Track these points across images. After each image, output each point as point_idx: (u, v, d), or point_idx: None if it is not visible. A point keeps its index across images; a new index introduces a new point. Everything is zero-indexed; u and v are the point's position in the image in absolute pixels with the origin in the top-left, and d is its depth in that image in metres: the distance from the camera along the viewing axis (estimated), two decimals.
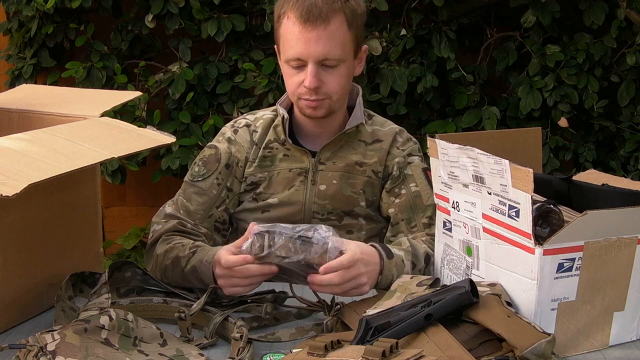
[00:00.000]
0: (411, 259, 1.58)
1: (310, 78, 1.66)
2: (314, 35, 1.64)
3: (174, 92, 3.21)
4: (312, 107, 1.71)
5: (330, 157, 1.78)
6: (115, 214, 3.66)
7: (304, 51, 1.65)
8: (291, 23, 1.66)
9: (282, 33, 1.69)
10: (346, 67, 1.70)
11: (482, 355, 1.20)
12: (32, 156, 1.33)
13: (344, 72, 1.70)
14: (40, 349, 1.17)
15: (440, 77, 3.19)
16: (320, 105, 1.70)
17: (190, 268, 1.56)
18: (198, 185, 1.75)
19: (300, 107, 1.73)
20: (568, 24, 3.27)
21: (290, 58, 1.68)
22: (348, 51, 1.70)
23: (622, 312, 1.38)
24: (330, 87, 1.69)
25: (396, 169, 1.79)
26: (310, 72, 1.66)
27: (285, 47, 1.69)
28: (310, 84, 1.66)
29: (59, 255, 1.55)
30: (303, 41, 1.65)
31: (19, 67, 3.35)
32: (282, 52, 1.71)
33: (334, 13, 1.65)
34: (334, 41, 1.66)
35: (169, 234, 1.70)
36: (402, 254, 1.58)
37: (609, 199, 1.47)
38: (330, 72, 1.68)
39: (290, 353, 1.23)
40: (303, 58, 1.66)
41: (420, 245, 1.64)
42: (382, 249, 1.54)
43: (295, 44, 1.66)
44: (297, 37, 1.65)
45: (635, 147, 3.23)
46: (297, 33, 1.65)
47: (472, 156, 1.37)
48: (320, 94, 1.69)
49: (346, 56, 1.69)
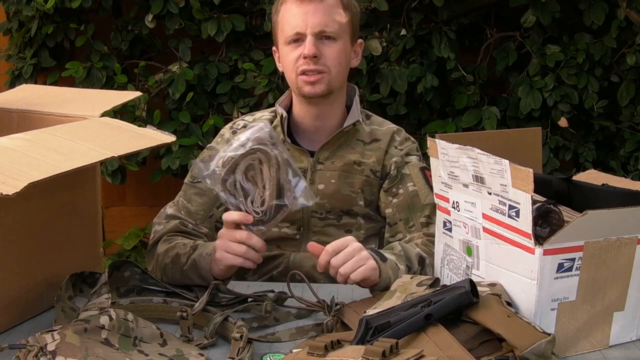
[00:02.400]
0: (405, 263, 1.59)
1: (309, 46, 1.71)
2: (311, 7, 1.71)
3: (174, 92, 3.21)
4: (311, 83, 1.73)
5: (328, 156, 1.78)
6: (115, 214, 3.66)
7: (302, 23, 1.71)
8: (289, 4, 1.74)
9: (280, 19, 1.76)
10: (342, 44, 1.75)
11: (482, 355, 1.20)
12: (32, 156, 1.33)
13: (341, 47, 1.75)
14: (40, 349, 1.17)
15: (440, 77, 3.19)
16: (319, 80, 1.72)
17: (191, 263, 1.57)
18: (198, 186, 1.76)
19: (300, 85, 1.75)
20: (568, 24, 3.27)
21: (288, 35, 1.73)
22: (344, 30, 1.75)
23: (622, 312, 1.38)
24: (329, 60, 1.73)
25: (394, 169, 1.79)
26: (308, 41, 1.71)
27: (285, 28, 1.74)
28: (309, 50, 1.70)
29: (59, 255, 1.55)
30: (301, 14, 1.71)
31: (19, 67, 3.35)
32: (281, 37, 1.76)
33: None
34: (330, 15, 1.73)
35: (170, 234, 1.71)
36: (394, 257, 1.58)
37: (609, 199, 1.47)
38: (328, 45, 1.73)
39: (290, 353, 1.23)
40: (301, 31, 1.71)
41: (412, 248, 1.65)
42: (375, 254, 1.54)
43: (293, 20, 1.72)
44: (295, 12, 1.72)
45: (635, 147, 3.23)
46: (295, 9, 1.72)
47: (472, 156, 1.37)
48: (319, 65, 1.72)
49: (342, 34, 1.75)
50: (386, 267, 1.53)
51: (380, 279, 1.51)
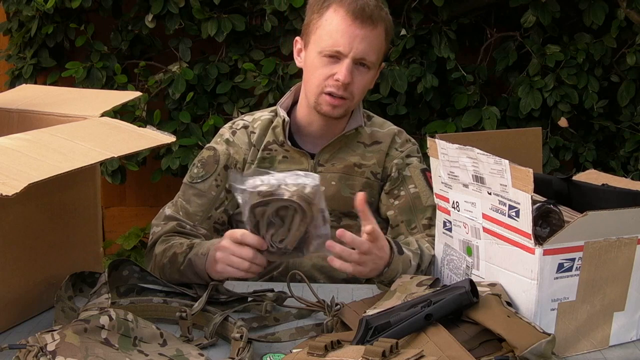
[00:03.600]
0: (417, 261, 1.59)
1: (346, 72, 1.67)
2: (361, 33, 1.66)
3: (174, 92, 3.21)
4: (333, 105, 1.70)
5: (329, 158, 1.78)
6: (115, 214, 3.66)
7: (347, 45, 1.66)
8: (339, 16, 1.67)
9: (324, 24, 1.69)
10: (373, 74, 1.73)
11: (482, 355, 1.20)
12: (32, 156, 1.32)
13: (371, 77, 1.73)
14: (40, 349, 1.17)
15: (440, 77, 3.20)
16: (341, 105, 1.71)
17: (187, 262, 1.57)
18: (197, 187, 1.76)
19: (319, 102, 1.72)
20: (568, 24, 3.27)
21: (327, 48, 1.68)
22: (379, 60, 1.73)
23: (622, 312, 1.38)
24: (356, 88, 1.71)
25: (395, 171, 1.79)
26: (346, 66, 1.67)
27: (325, 37, 1.68)
28: (345, 78, 1.67)
29: (58, 255, 1.54)
30: (349, 35, 1.66)
31: (19, 67, 3.35)
32: (317, 42, 1.70)
33: (380, 20, 1.69)
34: (374, 45, 1.69)
35: (168, 234, 1.71)
36: (411, 254, 1.59)
37: (609, 199, 1.47)
38: (361, 74, 1.70)
39: (290, 353, 1.23)
40: (343, 52, 1.67)
41: (425, 245, 1.66)
42: (394, 244, 1.54)
43: (339, 37, 1.66)
44: (343, 29, 1.66)
45: (635, 147, 3.24)
46: (345, 26, 1.66)
47: (472, 156, 1.37)
48: (347, 92, 1.69)
49: (376, 64, 1.72)
50: (398, 261, 1.53)
51: (388, 270, 1.51)
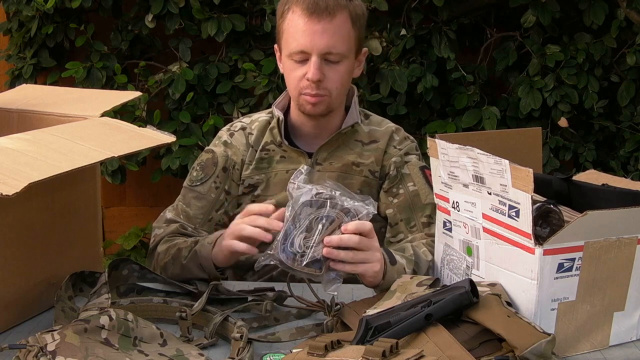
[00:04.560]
0: (413, 267, 1.59)
1: (314, 70, 1.66)
2: (319, 27, 1.65)
3: (174, 92, 3.21)
4: (312, 104, 1.70)
5: (326, 157, 1.78)
6: (115, 214, 3.66)
7: (308, 43, 1.65)
8: (297, 16, 1.66)
9: (286, 27, 1.69)
10: (347, 64, 1.71)
11: (482, 355, 1.20)
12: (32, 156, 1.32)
13: (345, 69, 1.71)
14: (40, 349, 1.17)
15: (440, 77, 3.19)
16: (320, 102, 1.70)
17: (192, 255, 1.58)
18: (197, 189, 1.76)
19: (300, 103, 1.73)
20: (568, 24, 3.27)
21: (293, 51, 1.68)
22: (350, 49, 1.70)
23: (622, 312, 1.38)
24: (331, 83, 1.69)
25: (393, 169, 1.79)
26: (313, 64, 1.66)
27: (289, 40, 1.69)
28: (314, 75, 1.66)
29: (59, 255, 1.54)
30: (308, 33, 1.65)
31: (19, 67, 3.35)
32: (285, 47, 1.71)
33: (339, 8, 1.66)
34: (338, 35, 1.67)
35: (171, 235, 1.71)
36: (405, 262, 1.58)
37: (609, 199, 1.47)
38: (332, 68, 1.68)
39: (290, 353, 1.23)
40: (307, 50, 1.66)
41: (421, 250, 1.65)
42: (386, 254, 1.53)
43: (299, 37, 1.66)
44: (302, 29, 1.65)
45: (635, 147, 3.23)
46: (303, 25, 1.65)
47: (472, 156, 1.36)
48: (321, 89, 1.69)
49: (348, 53, 1.70)
50: (392, 271, 1.52)
51: (384, 282, 1.50)
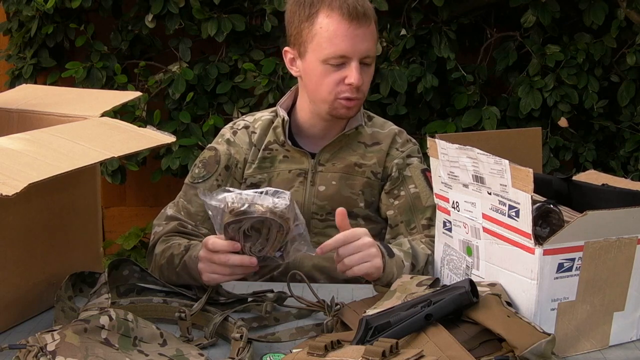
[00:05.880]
0: (411, 261, 1.59)
1: (357, 75, 1.67)
2: (360, 32, 1.66)
3: (174, 92, 3.21)
4: (348, 107, 1.71)
5: (329, 158, 1.78)
6: (115, 214, 3.66)
7: (350, 48, 1.66)
8: (335, 21, 1.66)
9: (319, 31, 1.67)
10: (374, 67, 1.74)
11: (482, 355, 1.20)
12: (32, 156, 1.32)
13: (372, 71, 1.74)
14: (40, 349, 1.17)
15: (440, 77, 3.20)
16: (356, 105, 1.72)
17: (182, 264, 1.57)
18: (198, 187, 1.76)
19: (335, 107, 1.71)
20: (568, 24, 3.27)
21: (332, 56, 1.67)
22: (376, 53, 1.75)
23: (622, 312, 1.38)
24: (365, 86, 1.72)
25: (395, 170, 1.79)
26: (356, 68, 1.67)
27: (324, 45, 1.67)
28: (358, 80, 1.67)
29: (59, 255, 1.54)
30: (350, 38, 1.66)
31: (19, 67, 3.35)
32: (317, 51, 1.68)
33: (371, 13, 1.70)
34: (373, 40, 1.71)
35: (169, 234, 1.71)
36: (402, 254, 1.58)
37: (609, 199, 1.47)
38: (366, 71, 1.71)
39: (290, 353, 1.23)
40: (349, 55, 1.67)
41: (420, 246, 1.65)
42: (384, 247, 1.54)
43: (340, 41, 1.66)
44: (343, 33, 1.66)
45: (635, 147, 3.23)
46: (344, 30, 1.65)
47: (472, 156, 1.37)
48: (360, 92, 1.71)
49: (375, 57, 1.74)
50: (391, 264, 1.53)
51: (384, 274, 1.50)
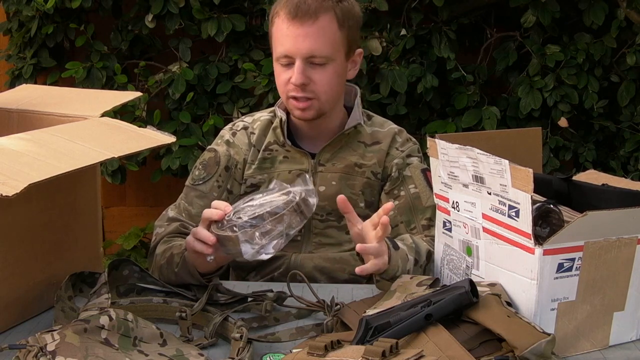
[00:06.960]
0: (414, 255, 1.59)
1: (297, 74, 1.66)
2: (301, 31, 1.65)
3: (174, 92, 3.21)
4: (301, 109, 1.71)
5: (329, 158, 1.78)
6: (115, 214, 3.66)
7: (291, 47, 1.66)
8: (280, 21, 1.68)
9: (274, 32, 1.71)
10: (335, 66, 1.70)
11: (482, 355, 1.20)
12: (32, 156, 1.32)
13: (333, 71, 1.70)
14: (40, 349, 1.17)
15: (440, 77, 3.19)
16: (308, 107, 1.70)
17: (182, 261, 1.57)
18: (199, 188, 1.76)
19: (290, 108, 1.74)
20: (568, 24, 3.27)
21: (279, 55, 1.69)
22: (338, 51, 1.70)
23: (622, 312, 1.38)
24: (318, 86, 1.69)
25: (395, 170, 1.79)
26: (297, 68, 1.66)
27: (276, 44, 1.71)
28: (297, 79, 1.66)
29: (59, 255, 1.54)
30: (291, 37, 1.66)
31: (19, 67, 3.35)
32: (274, 51, 1.72)
33: (323, 10, 1.66)
34: (322, 38, 1.66)
35: (170, 235, 1.71)
36: (406, 248, 1.59)
37: (609, 199, 1.47)
38: (318, 71, 1.68)
39: (290, 353, 1.23)
40: (291, 54, 1.67)
41: (421, 242, 1.66)
42: (389, 240, 1.54)
43: (284, 41, 1.67)
44: (285, 33, 1.67)
45: (635, 147, 3.23)
46: (286, 30, 1.66)
47: (472, 156, 1.37)
48: (307, 92, 1.69)
49: (335, 55, 1.69)
50: (397, 256, 1.53)
51: (389, 267, 1.50)
